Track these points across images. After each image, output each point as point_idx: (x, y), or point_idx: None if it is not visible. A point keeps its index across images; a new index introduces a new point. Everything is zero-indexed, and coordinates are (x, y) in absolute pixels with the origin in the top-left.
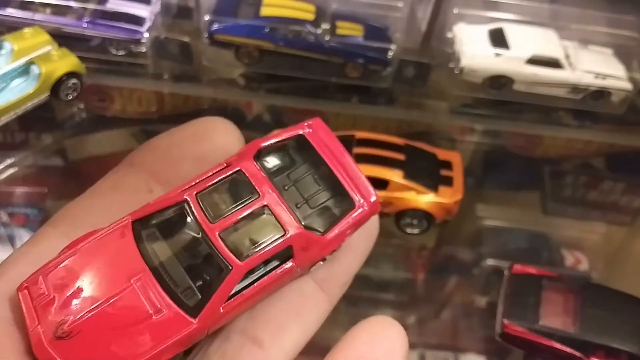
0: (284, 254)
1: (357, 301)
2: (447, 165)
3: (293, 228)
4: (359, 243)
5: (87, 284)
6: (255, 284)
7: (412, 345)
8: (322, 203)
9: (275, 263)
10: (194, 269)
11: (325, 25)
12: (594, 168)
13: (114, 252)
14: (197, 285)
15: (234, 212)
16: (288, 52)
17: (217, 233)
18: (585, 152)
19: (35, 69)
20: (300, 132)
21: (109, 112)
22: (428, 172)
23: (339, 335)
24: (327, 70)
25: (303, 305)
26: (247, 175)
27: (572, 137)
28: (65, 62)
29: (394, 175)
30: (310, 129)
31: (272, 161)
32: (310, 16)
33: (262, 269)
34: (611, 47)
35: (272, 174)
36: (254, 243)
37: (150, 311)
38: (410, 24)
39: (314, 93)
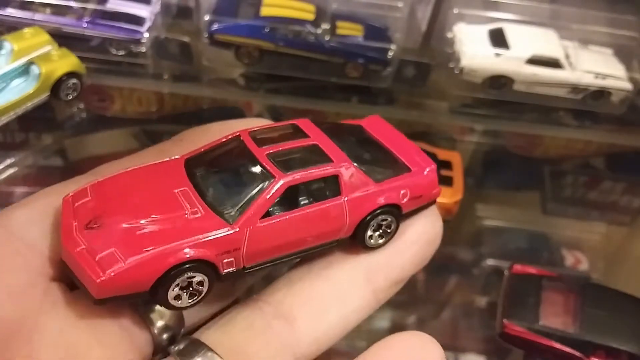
0: (331, 185)
1: None
2: (447, 165)
3: (342, 160)
4: (418, 243)
5: (130, 193)
6: (299, 210)
7: None
8: (376, 162)
9: (321, 195)
10: (239, 189)
11: (325, 25)
12: (594, 168)
13: (163, 173)
14: (238, 200)
15: (284, 144)
16: (288, 52)
17: (265, 154)
18: (585, 152)
19: (35, 69)
20: (360, 124)
21: (109, 112)
22: None
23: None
24: (327, 70)
25: (347, 292)
26: (301, 127)
27: (572, 137)
28: (65, 62)
29: None
30: (369, 122)
31: (329, 131)
32: (310, 16)
33: (308, 198)
34: (611, 47)
35: (328, 134)
36: (301, 165)
37: (186, 211)
38: (410, 24)
39: (314, 93)
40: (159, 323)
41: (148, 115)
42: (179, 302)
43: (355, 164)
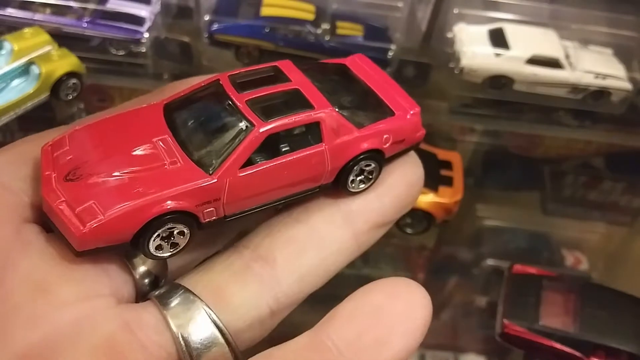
0: (312, 132)
1: None
2: (447, 165)
3: (323, 106)
4: (398, 187)
5: (108, 142)
6: (279, 158)
7: None
8: (359, 106)
9: (302, 142)
10: (218, 137)
11: (325, 25)
12: (594, 168)
13: (141, 121)
14: (217, 150)
15: (264, 89)
16: (288, 52)
17: (244, 100)
18: (585, 152)
19: (35, 69)
20: (343, 63)
21: None
22: (428, 172)
23: None
24: None
25: (326, 234)
26: (283, 69)
27: (572, 137)
28: (65, 62)
29: None
30: (353, 60)
31: (311, 73)
32: (310, 16)
33: (289, 146)
34: (611, 47)
35: (310, 77)
36: (281, 111)
37: (165, 162)
38: (410, 24)
39: None
40: (141, 269)
41: None
42: (161, 251)
43: (337, 109)
